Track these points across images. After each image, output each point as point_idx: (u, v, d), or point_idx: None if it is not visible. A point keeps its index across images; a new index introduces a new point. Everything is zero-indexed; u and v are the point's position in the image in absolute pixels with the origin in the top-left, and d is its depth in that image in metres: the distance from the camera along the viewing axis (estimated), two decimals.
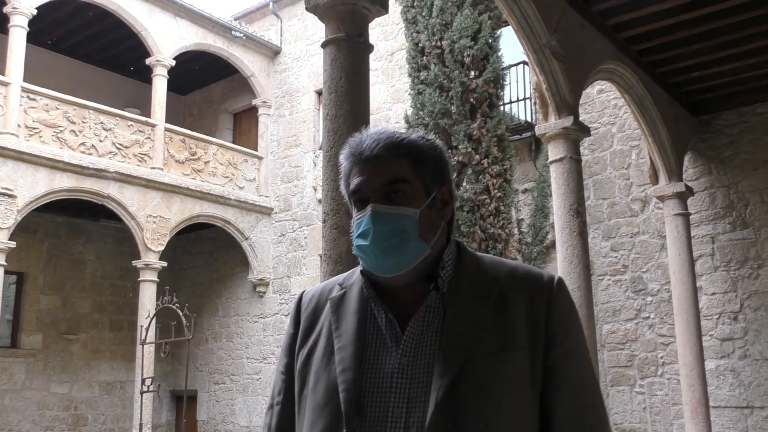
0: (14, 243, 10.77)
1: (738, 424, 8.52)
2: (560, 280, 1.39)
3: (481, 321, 1.31)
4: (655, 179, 8.56)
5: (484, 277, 1.37)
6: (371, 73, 4.42)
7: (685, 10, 6.63)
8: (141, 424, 9.07)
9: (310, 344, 1.42)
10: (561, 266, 6.02)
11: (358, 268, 1.44)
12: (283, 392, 1.47)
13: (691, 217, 8.58)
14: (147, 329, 9.44)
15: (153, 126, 12.70)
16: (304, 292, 1.53)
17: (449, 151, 8.86)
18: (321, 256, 3.90)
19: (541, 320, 1.33)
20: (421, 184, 1.36)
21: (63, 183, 11.38)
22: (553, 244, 7.07)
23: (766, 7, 6.54)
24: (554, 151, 6.28)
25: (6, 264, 10.68)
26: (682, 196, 8.40)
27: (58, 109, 11.52)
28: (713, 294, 8.93)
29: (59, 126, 11.47)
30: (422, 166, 1.37)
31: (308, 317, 1.46)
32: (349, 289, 1.43)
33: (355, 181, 1.36)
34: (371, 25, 4.27)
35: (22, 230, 11.51)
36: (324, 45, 4.05)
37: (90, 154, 11.76)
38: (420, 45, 9.30)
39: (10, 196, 10.72)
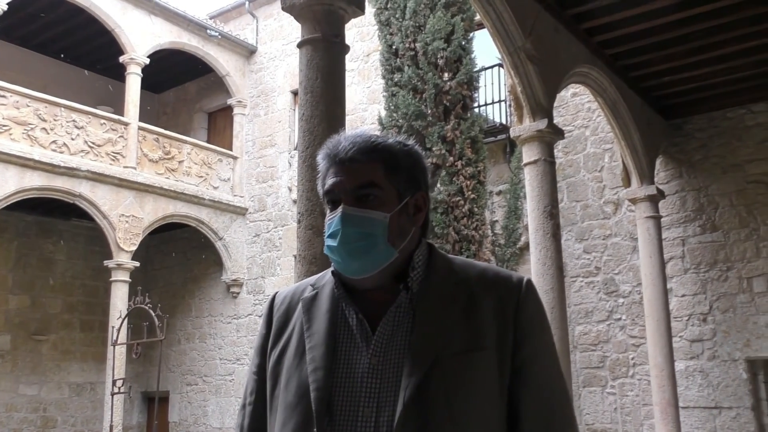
0: None
1: (706, 425, 8.64)
2: (529, 281, 1.41)
3: (451, 321, 1.33)
4: (627, 182, 8.66)
5: (454, 278, 1.38)
6: (347, 74, 4.42)
7: (657, 16, 6.73)
8: (111, 426, 8.97)
9: (282, 344, 1.43)
10: (534, 268, 6.06)
11: (330, 269, 1.45)
12: (255, 392, 1.48)
13: (662, 219, 8.70)
14: (119, 330, 9.34)
15: (126, 124, 12.56)
16: (277, 293, 1.54)
17: (424, 152, 8.90)
18: (296, 257, 3.89)
19: (510, 321, 1.35)
20: (394, 190, 1.37)
21: (33, 181, 11.21)
22: (526, 246, 7.12)
23: (734, 14, 6.67)
24: (528, 153, 6.33)
25: None
26: (654, 199, 8.51)
27: (28, 106, 11.35)
28: (683, 296, 9.06)
29: (30, 123, 11.30)
30: (396, 171, 1.38)
31: (280, 318, 1.47)
32: (321, 290, 1.44)
33: (329, 181, 1.38)
34: (347, 25, 4.26)
35: None
36: (300, 45, 4.04)
37: (61, 152, 11.59)
38: (394, 47, 9.32)
39: None
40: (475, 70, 9.29)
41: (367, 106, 12.59)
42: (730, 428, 8.48)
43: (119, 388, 8.75)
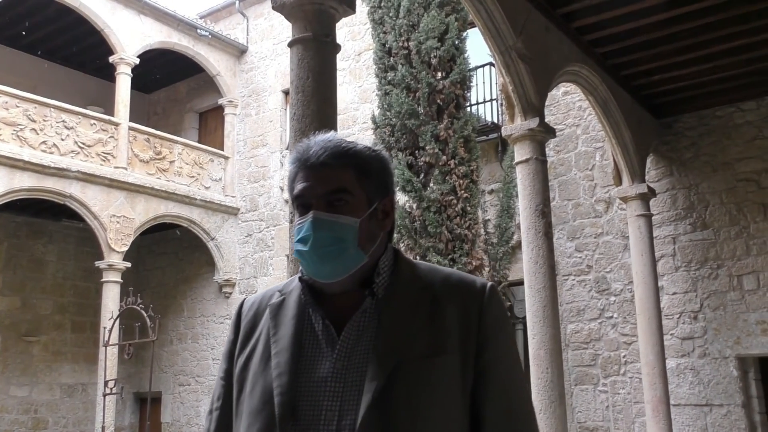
0: None
1: (697, 422, 8.69)
2: (492, 287, 1.43)
3: (414, 326, 1.34)
4: (618, 180, 8.69)
5: (418, 283, 1.40)
6: (338, 73, 4.42)
7: (645, 15, 6.76)
8: (103, 427, 8.94)
9: (248, 350, 1.44)
10: (526, 266, 6.08)
11: (297, 275, 1.46)
12: (222, 397, 1.49)
13: (653, 218, 8.73)
14: (110, 331, 9.30)
15: (116, 125, 12.51)
16: (245, 299, 1.55)
17: (417, 151, 8.91)
18: (288, 257, 3.88)
19: (473, 325, 1.37)
20: (364, 195, 1.38)
21: (23, 182, 11.15)
22: (519, 245, 7.13)
23: (721, 13, 6.71)
24: (520, 152, 6.34)
25: None
26: (645, 198, 8.54)
27: (18, 107, 11.29)
28: (674, 294, 9.10)
29: (19, 124, 11.24)
30: (366, 176, 1.39)
31: (248, 323, 1.48)
32: (288, 296, 1.45)
33: (298, 186, 1.38)
34: (338, 25, 4.26)
35: None
36: (291, 44, 4.04)
37: (51, 153, 11.54)
38: (387, 46, 9.32)
39: None
40: (469, 69, 9.30)
41: (358, 106, 12.58)
42: (721, 425, 8.52)
43: (111, 388, 8.72)
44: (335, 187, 1.36)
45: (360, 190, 1.38)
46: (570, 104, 10.16)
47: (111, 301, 11.67)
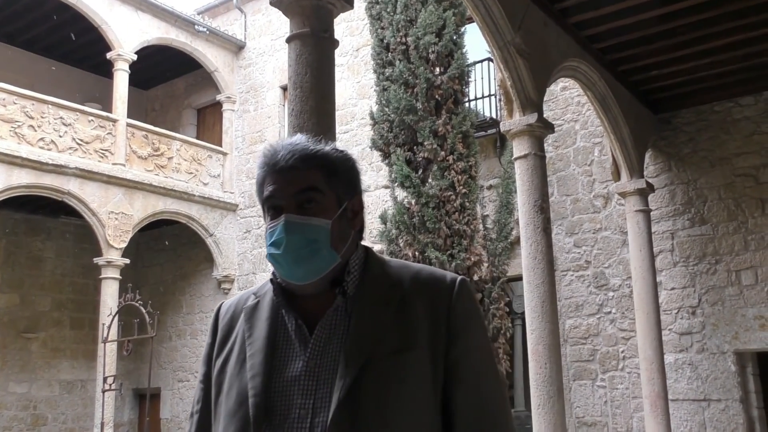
0: None
1: (695, 417, 8.71)
2: (463, 280, 1.44)
3: (383, 323, 1.36)
4: (617, 176, 8.69)
5: (388, 280, 1.42)
6: (336, 69, 4.41)
7: (642, 10, 6.75)
8: (103, 423, 8.95)
9: (225, 353, 1.46)
10: (525, 262, 6.08)
11: (270, 277, 1.48)
12: (201, 401, 1.51)
13: (651, 213, 8.74)
14: (109, 327, 9.31)
15: (114, 121, 12.49)
16: (222, 303, 1.57)
17: (415, 147, 8.90)
18: None
19: (442, 320, 1.38)
20: (333, 195, 1.40)
21: (21, 179, 11.13)
22: (517, 240, 7.13)
23: (718, 8, 6.70)
24: (519, 147, 6.34)
25: None
26: (643, 193, 8.55)
27: (15, 103, 11.27)
28: (672, 289, 9.11)
29: (17, 121, 11.22)
30: (335, 177, 1.41)
31: (224, 327, 1.50)
32: (262, 298, 1.47)
33: (268, 189, 1.39)
34: (336, 20, 4.26)
35: None
36: (289, 40, 4.03)
37: (49, 149, 11.52)
38: (385, 41, 9.30)
39: None
40: (467, 64, 9.30)
41: (357, 101, 12.57)
42: (719, 420, 8.54)
43: (110, 385, 8.73)
44: (305, 185, 1.37)
45: (329, 191, 1.40)
46: (568, 99, 10.16)
47: (110, 297, 11.67)
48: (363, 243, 1.49)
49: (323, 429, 1.28)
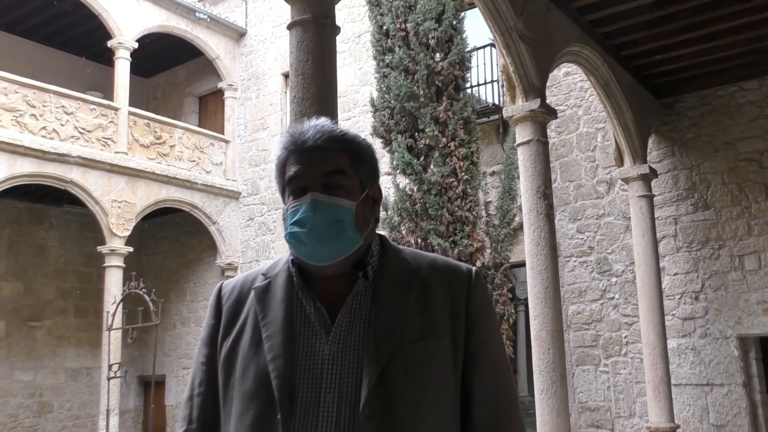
0: None
1: (698, 402, 8.73)
2: (477, 271, 1.47)
3: (407, 309, 1.37)
4: (620, 161, 8.67)
5: (407, 266, 1.43)
6: (338, 56, 4.39)
7: None
8: (108, 410, 9.00)
9: (234, 334, 1.44)
10: (528, 248, 6.08)
11: (283, 258, 1.47)
12: (204, 383, 1.48)
13: (654, 198, 8.72)
14: (113, 315, 9.34)
15: (116, 109, 12.47)
16: (222, 283, 1.55)
17: (416, 134, 8.88)
18: None
19: (462, 309, 1.41)
20: (358, 180, 1.41)
21: (24, 168, 11.13)
22: (520, 227, 7.13)
23: None
24: (521, 133, 6.32)
25: None
26: (646, 178, 8.53)
27: (17, 92, 11.25)
28: (675, 274, 9.11)
29: (19, 110, 11.21)
30: (360, 162, 1.42)
31: (230, 308, 1.47)
32: (273, 279, 1.45)
33: (293, 169, 1.39)
34: (337, 6, 4.23)
35: None
36: (290, 27, 4.01)
37: (51, 138, 11.52)
38: (384, 27, 9.26)
39: None
40: (467, 50, 9.25)
41: (359, 88, 12.53)
42: (722, 405, 8.56)
43: (115, 372, 8.78)
44: (332, 168, 1.37)
45: (354, 174, 1.40)
46: (571, 85, 10.11)
47: (113, 285, 11.70)
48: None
49: (350, 414, 1.29)
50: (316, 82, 3.83)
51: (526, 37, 6.17)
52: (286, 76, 13.38)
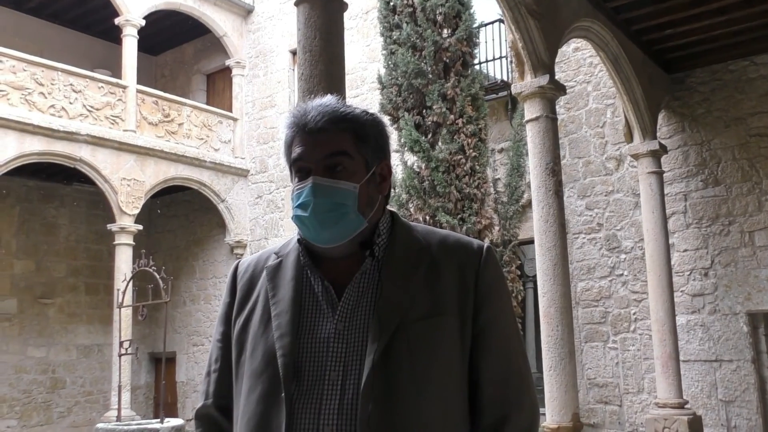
0: None
1: (707, 378, 8.75)
2: (489, 248, 1.45)
3: (414, 287, 1.36)
4: (629, 137, 8.62)
5: (416, 245, 1.42)
6: (346, 33, 4.37)
7: None
8: (120, 386, 9.10)
9: (246, 312, 1.45)
10: (537, 225, 6.07)
11: (295, 237, 1.47)
12: (220, 359, 1.51)
13: (664, 175, 8.68)
14: (124, 292, 9.42)
15: (124, 87, 12.47)
16: (239, 261, 1.56)
17: (424, 111, 8.84)
18: None
19: (470, 287, 1.39)
20: (362, 159, 1.39)
21: (33, 146, 11.17)
22: (529, 204, 7.12)
23: None
24: (530, 110, 6.29)
25: None
26: (656, 154, 8.48)
27: (25, 70, 11.25)
28: (685, 251, 9.08)
29: (27, 88, 11.22)
30: (364, 141, 1.40)
31: (244, 286, 1.49)
32: (285, 258, 1.46)
33: (296, 150, 1.39)
34: None
35: None
36: (297, 3, 3.99)
37: (60, 116, 11.54)
38: (391, 3, 9.18)
39: None
40: (475, 26, 9.17)
41: (366, 65, 12.46)
42: (731, 381, 8.58)
43: (126, 349, 8.86)
44: (334, 150, 1.36)
45: (358, 154, 1.39)
46: (581, 61, 10.03)
47: (124, 263, 11.78)
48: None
49: (355, 392, 1.29)
50: (323, 59, 3.82)
51: (535, 12, 6.11)
52: (293, 53, 13.32)
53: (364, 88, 12.31)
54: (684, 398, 8.11)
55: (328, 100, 1.41)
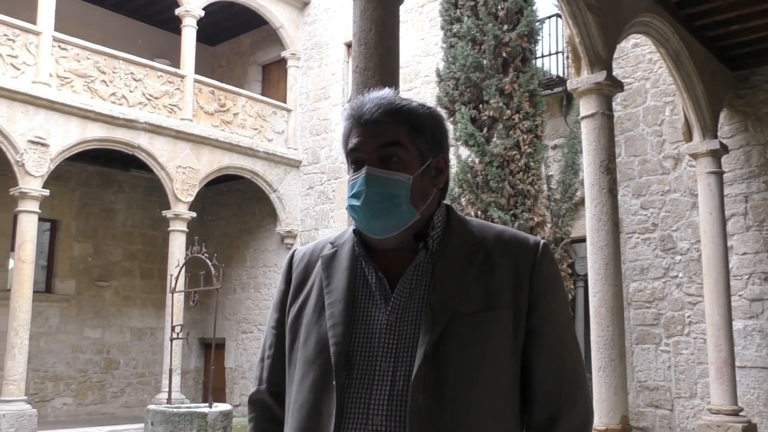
0: (48, 191, 10.96)
1: (764, 385, 8.49)
2: (545, 244, 1.44)
3: (468, 281, 1.36)
4: (688, 136, 8.40)
5: (471, 239, 1.41)
6: (401, 26, 4.36)
7: None
8: (170, 370, 9.30)
9: (301, 300, 1.47)
10: (589, 223, 5.97)
11: (351, 228, 1.48)
12: (274, 346, 1.53)
13: (724, 175, 8.43)
14: (176, 278, 9.60)
15: (182, 77, 12.70)
16: (295, 250, 1.58)
17: (480, 105, 8.78)
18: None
19: (525, 283, 1.38)
20: (417, 151, 1.39)
21: (94, 133, 11.48)
22: (582, 201, 7.01)
23: None
24: (586, 106, 6.18)
25: (40, 211, 10.89)
26: (716, 154, 8.25)
27: (88, 59, 11.56)
28: (744, 254, 8.82)
29: (90, 76, 11.52)
30: (419, 133, 1.40)
31: (299, 274, 1.51)
32: (340, 248, 1.47)
33: (353, 141, 1.40)
34: None
35: (55, 179, 11.70)
36: None
37: (120, 104, 11.82)
38: None
39: (43, 145, 10.86)
40: (537, 22, 9.06)
41: (420, 59, 12.43)
42: None
43: (177, 333, 9.04)
44: (388, 140, 1.37)
45: (413, 146, 1.39)
46: (639, 57, 9.81)
47: (177, 249, 12.03)
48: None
49: (405, 383, 1.30)
50: (378, 51, 3.81)
51: (594, 7, 5.99)
52: (348, 45, 13.36)
53: (417, 81, 12.28)
54: (739, 405, 7.89)
55: (385, 93, 1.42)
